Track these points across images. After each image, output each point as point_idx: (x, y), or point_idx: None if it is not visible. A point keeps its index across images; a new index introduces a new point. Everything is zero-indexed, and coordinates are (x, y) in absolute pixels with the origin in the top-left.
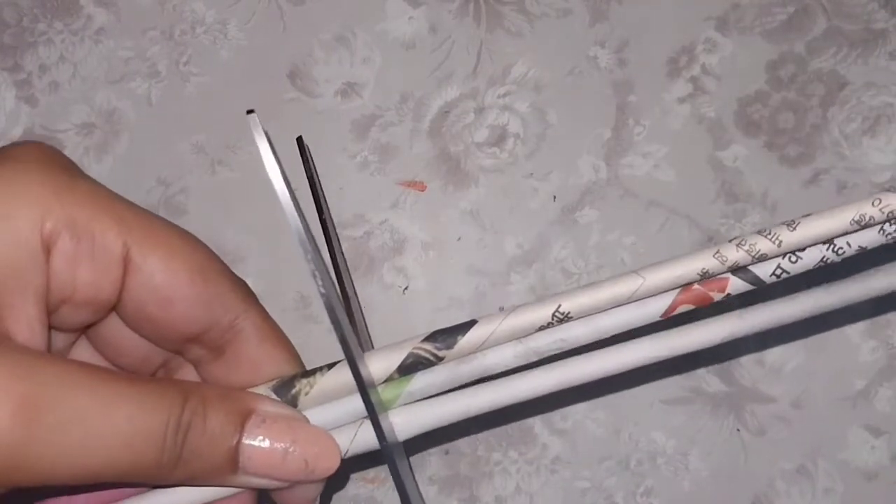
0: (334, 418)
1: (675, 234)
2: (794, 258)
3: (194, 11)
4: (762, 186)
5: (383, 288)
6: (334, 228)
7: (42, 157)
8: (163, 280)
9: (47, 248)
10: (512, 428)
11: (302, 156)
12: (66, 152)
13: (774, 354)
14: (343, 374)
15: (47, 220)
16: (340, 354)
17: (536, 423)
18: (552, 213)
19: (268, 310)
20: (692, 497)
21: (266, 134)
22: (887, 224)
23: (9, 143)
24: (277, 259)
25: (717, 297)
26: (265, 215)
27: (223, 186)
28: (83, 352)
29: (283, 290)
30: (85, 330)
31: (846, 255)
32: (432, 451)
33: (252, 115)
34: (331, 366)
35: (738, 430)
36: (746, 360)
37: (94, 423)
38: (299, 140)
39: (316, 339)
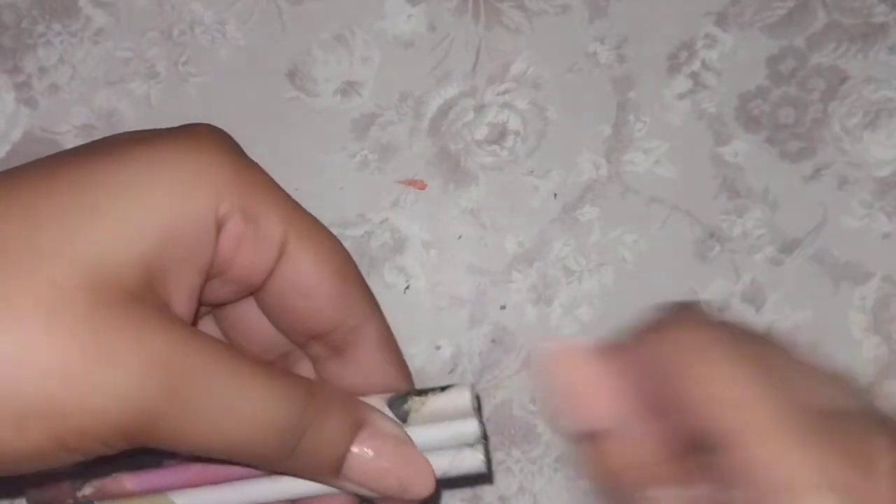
0: (438, 439)
1: (677, 230)
2: None
3: (192, 12)
4: (763, 182)
5: (384, 287)
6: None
7: (219, 141)
8: (309, 273)
9: (218, 228)
10: (515, 428)
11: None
12: None
13: None
14: (454, 399)
15: (222, 203)
16: None
17: (539, 421)
18: (553, 210)
19: None
20: None
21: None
22: None
23: (13, 145)
24: None
25: None
26: None
27: None
28: (208, 328)
29: None
30: (217, 308)
31: None
32: None
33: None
34: (444, 388)
35: None
36: None
37: (227, 406)
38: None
39: None
